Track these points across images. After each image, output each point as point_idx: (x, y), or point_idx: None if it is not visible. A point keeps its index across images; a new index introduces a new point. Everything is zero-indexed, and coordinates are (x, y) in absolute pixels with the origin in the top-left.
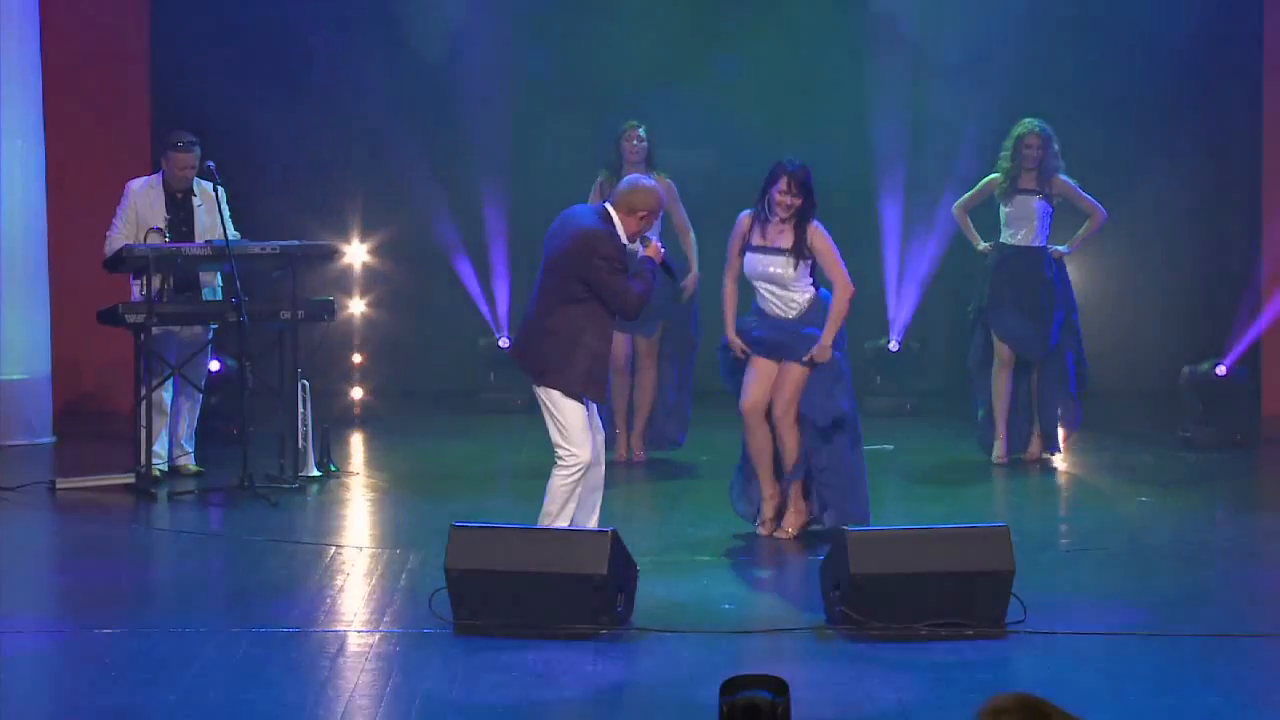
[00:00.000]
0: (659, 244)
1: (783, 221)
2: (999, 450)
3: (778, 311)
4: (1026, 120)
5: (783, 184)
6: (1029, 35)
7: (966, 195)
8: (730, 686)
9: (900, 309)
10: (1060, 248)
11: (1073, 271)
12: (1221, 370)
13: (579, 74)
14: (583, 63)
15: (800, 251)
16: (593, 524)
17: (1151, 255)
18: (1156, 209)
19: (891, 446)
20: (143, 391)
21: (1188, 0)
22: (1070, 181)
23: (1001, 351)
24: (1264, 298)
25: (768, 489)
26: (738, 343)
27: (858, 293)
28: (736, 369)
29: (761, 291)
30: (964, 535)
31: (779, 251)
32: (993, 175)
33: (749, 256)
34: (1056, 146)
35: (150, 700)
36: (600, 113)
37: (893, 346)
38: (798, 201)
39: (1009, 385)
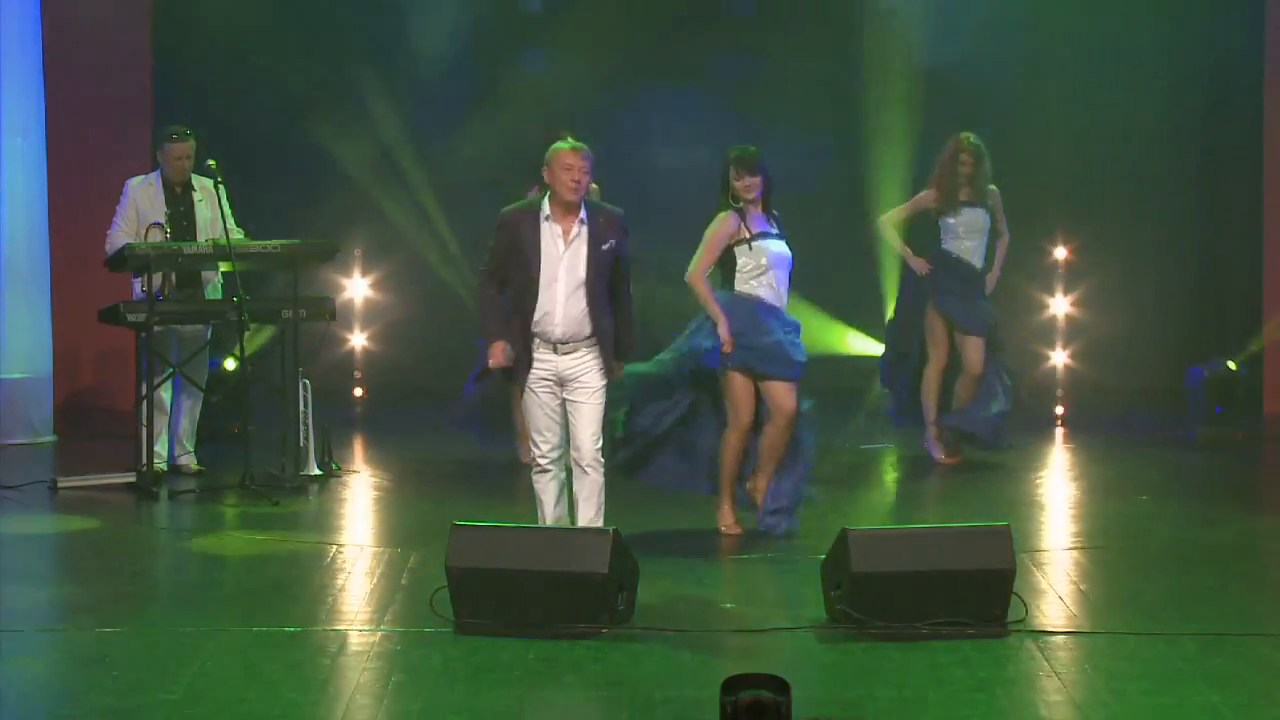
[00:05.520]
0: (500, 355)
1: (750, 205)
2: (940, 451)
3: (776, 300)
4: (963, 134)
5: (733, 172)
6: (1029, 37)
7: (898, 209)
8: (732, 685)
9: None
10: (989, 277)
11: (1072, 270)
12: (1233, 366)
13: (580, 73)
14: (584, 62)
15: (785, 235)
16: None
17: (1151, 254)
18: (1157, 207)
19: (892, 445)
20: (144, 390)
21: (1189, 0)
22: (998, 195)
23: (937, 338)
24: (1266, 295)
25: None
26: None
27: (856, 290)
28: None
29: (771, 281)
30: (965, 534)
31: (780, 236)
32: (928, 190)
33: (762, 245)
34: (987, 165)
35: (150, 700)
36: (600, 113)
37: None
38: (757, 179)
39: (939, 385)
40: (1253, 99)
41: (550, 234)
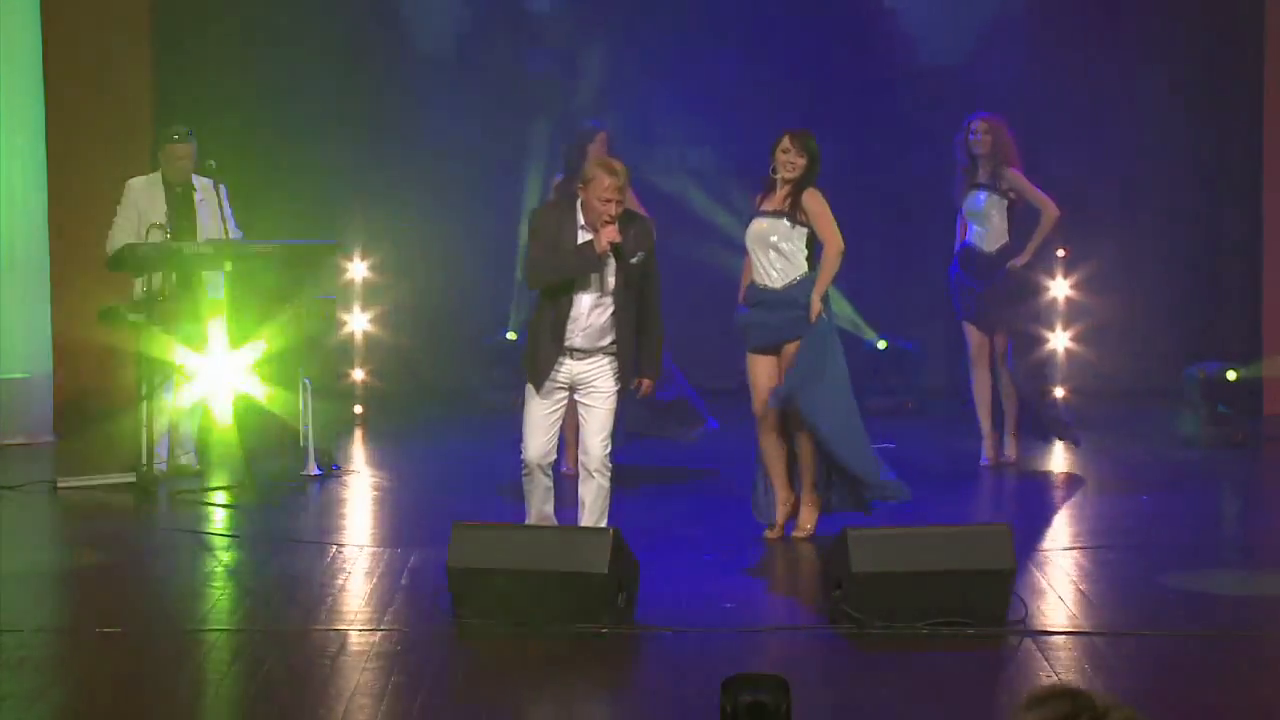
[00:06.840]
0: (613, 230)
1: (785, 182)
2: (989, 451)
3: (765, 281)
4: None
5: (785, 141)
6: (1029, 33)
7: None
8: (731, 685)
9: (895, 307)
10: (1014, 261)
11: (1071, 269)
12: (1233, 376)
13: (580, 73)
14: (583, 61)
15: (792, 215)
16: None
17: (1151, 254)
18: (1156, 207)
19: (892, 445)
20: (144, 390)
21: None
22: (1021, 175)
23: (972, 345)
24: (1266, 295)
25: (782, 494)
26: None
27: (859, 287)
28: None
29: (756, 259)
30: (965, 534)
31: (776, 214)
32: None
33: (753, 223)
34: (1009, 135)
35: (151, 700)
36: (600, 110)
37: (880, 345)
38: (800, 161)
39: (988, 383)
40: (1253, 98)
41: (583, 240)
